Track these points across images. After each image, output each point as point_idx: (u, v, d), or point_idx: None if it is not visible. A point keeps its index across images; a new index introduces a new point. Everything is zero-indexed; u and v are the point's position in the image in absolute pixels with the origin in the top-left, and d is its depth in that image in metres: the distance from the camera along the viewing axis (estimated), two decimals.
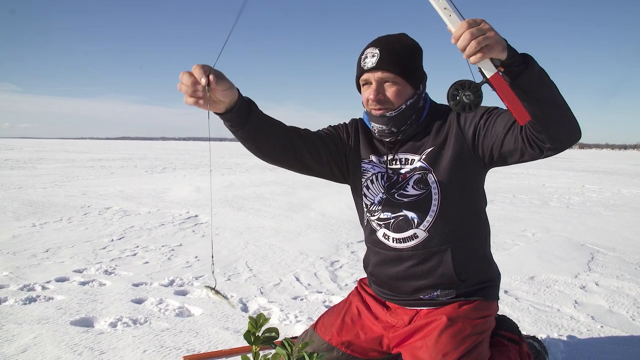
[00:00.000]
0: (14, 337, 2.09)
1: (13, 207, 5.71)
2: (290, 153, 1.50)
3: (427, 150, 1.48)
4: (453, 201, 1.46)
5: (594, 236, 4.61)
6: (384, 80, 1.42)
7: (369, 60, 1.41)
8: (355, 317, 1.63)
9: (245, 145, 1.43)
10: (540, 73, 1.14)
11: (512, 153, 1.34)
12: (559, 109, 1.18)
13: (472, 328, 1.44)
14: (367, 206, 1.58)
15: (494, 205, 6.58)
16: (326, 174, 1.62)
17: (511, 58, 1.09)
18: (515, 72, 1.10)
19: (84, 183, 8.90)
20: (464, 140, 1.44)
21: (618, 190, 9.18)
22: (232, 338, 2.14)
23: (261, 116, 1.39)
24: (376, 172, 1.55)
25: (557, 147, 1.23)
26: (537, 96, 1.14)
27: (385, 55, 1.40)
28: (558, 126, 1.19)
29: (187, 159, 19.42)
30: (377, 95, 1.42)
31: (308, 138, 1.54)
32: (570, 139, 1.23)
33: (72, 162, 16.10)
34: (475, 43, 1.01)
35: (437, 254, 1.48)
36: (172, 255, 3.62)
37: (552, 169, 16.29)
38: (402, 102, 1.43)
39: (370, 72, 1.42)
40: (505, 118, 1.35)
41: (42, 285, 2.82)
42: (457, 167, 1.44)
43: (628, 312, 2.54)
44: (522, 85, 1.12)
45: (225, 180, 9.80)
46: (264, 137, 1.41)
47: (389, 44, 1.42)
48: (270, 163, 1.52)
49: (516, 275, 3.22)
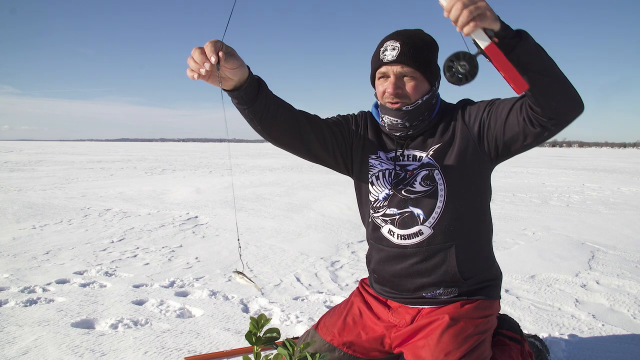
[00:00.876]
0: (15, 339, 2.08)
1: (13, 210, 5.70)
2: (297, 137, 1.49)
3: (434, 147, 1.48)
4: (459, 198, 1.46)
5: (594, 234, 4.61)
6: (403, 74, 1.42)
7: (388, 53, 1.41)
8: (357, 317, 1.63)
9: (252, 124, 1.42)
10: (537, 46, 1.16)
11: (515, 138, 1.34)
12: (558, 81, 1.19)
13: (474, 327, 1.44)
14: (372, 203, 1.57)
15: (494, 204, 6.58)
16: (330, 162, 1.61)
17: (505, 30, 1.11)
18: (510, 44, 1.12)
19: (83, 185, 8.89)
20: (470, 137, 1.45)
21: (618, 189, 9.18)
22: (234, 339, 2.14)
23: (270, 96, 1.38)
24: (383, 168, 1.54)
25: (559, 122, 1.24)
26: (535, 68, 1.15)
27: (406, 49, 1.39)
28: (559, 98, 1.20)
29: (186, 160, 19.42)
30: (396, 89, 1.42)
31: (316, 124, 1.53)
32: (572, 111, 1.24)
33: (72, 164, 16.09)
34: (467, 12, 1.04)
35: (441, 251, 1.48)
36: (173, 257, 3.62)
37: (552, 168, 16.30)
38: (418, 97, 1.44)
39: (389, 65, 1.42)
40: (506, 105, 1.36)
41: (43, 287, 2.82)
42: (463, 164, 1.45)
43: (629, 311, 2.54)
44: (519, 58, 1.13)
45: (225, 181, 9.80)
46: (271, 118, 1.40)
47: (409, 38, 1.42)
48: (275, 145, 1.51)
49: (517, 274, 3.22)
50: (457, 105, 1.53)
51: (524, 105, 1.28)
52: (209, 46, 1.16)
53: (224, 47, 1.18)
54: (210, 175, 11.50)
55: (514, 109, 1.32)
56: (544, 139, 1.31)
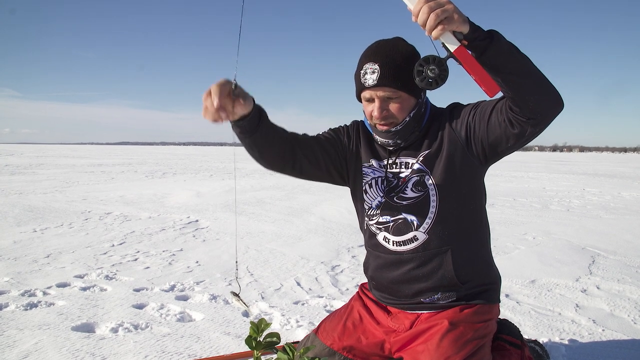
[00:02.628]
0: (15, 343, 2.09)
1: (14, 213, 5.71)
2: (289, 162, 1.51)
3: (424, 152, 1.49)
4: (451, 202, 1.47)
5: (594, 239, 4.61)
6: (387, 97, 1.41)
7: (369, 77, 1.39)
8: (357, 322, 1.63)
9: (249, 151, 1.45)
10: (509, 46, 1.15)
11: (499, 139, 1.34)
12: (534, 80, 1.18)
13: (473, 332, 1.44)
14: (366, 210, 1.58)
15: (494, 209, 6.58)
16: (325, 178, 1.63)
17: (474, 32, 1.11)
18: (480, 46, 1.11)
19: (84, 188, 8.90)
20: (458, 141, 1.44)
21: (618, 193, 9.17)
22: (234, 343, 2.14)
23: (269, 125, 1.41)
24: (376, 176, 1.55)
25: (539, 121, 1.23)
26: (508, 69, 1.15)
27: (386, 70, 1.37)
28: (536, 97, 1.19)
29: (187, 164, 19.44)
30: (382, 112, 1.42)
31: (307, 146, 1.54)
32: (551, 109, 1.23)
33: (73, 167, 16.12)
34: (434, 15, 1.05)
35: (437, 256, 1.48)
36: (173, 260, 3.62)
37: (552, 172, 16.30)
38: (406, 115, 1.43)
39: (371, 90, 1.41)
40: (489, 106, 1.36)
41: (43, 290, 2.82)
42: (453, 168, 1.45)
43: (629, 316, 2.54)
44: (491, 60, 1.12)
45: (225, 185, 9.81)
46: (268, 146, 1.43)
47: (387, 56, 1.39)
48: (268, 169, 1.54)
49: (517, 279, 3.22)
50: (446, 109, 1.52)
51: (504, 105, 1.27)
52: (217, 95, 1.19)
53: (235, 90, 1.22)
54: (211, 179, 11.51)
55: (495, 110, 1.32)
56: (527, 139, 1.29)
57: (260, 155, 1.45)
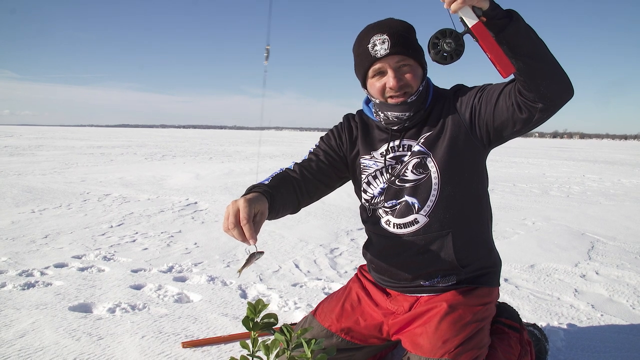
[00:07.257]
0: (12, 322, 2.08)
1: (12, 194, 5.69)
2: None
3: (425, 134, 1.46)
4: (453, 185, 1.44)
5: (594, 225, 4.60)
6: (400, 65, 1.38)
7: (379, 47, 1.36)
8: (355, 304, 1.62)
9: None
10: (527, 28, 1.13)
11: (505, 124, 1.32)
12: (548, 65, 1.16)
13: (472, 315, 1.43)
14: (369, 200, 1.56)
15: (494, 194, 6.57)
16: (333, 188, 1.65)
17: (494, 9, 1.08)
18: (499, 25, 1.09)
19: (83, 170, 8.87)
20: (461, 123, 1.42)
21: (618, 180, 9.16)
22: (231, 324, 2.14)
23: (277, 201, 1.40)
24: (379, 167, 1.52)
25: (548, 107, 1.21)
26: (524, 51, 1.13)
27: (396, 39, 1.35)
28: (548, 82, 1.17)
29: (186, 147, 19.37)
30: (399, 81, 1.38)
31: (307, 186, 1.55)
32: (562, 96, 1.21)
33: (72, 149, 16.05)
34: None
35: (437, 239, 1.46)
36: (171, 242, 3.61)
37: (553, 159, 16.26)
38: (419, 83, 1.41)
39: (384, 60, 1.37)
40: (496, 90, 1.34)
41: (41, 270, 2.81)
42: (455, 150, 1.42)
43: (628, 301, 2.53)
44: (508, 39, 1.10)
45: (225, 168, 9.78)
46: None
47: (392, 27, 1.38)
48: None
49: (516, 263, 3.21)
50: (450, 91, 1.50)
51: (513, 89, 1.26)
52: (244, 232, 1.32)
53: (254, 216, 1.30)
54: (210, 162, 11.47)
55: (503, 94, 1.30)
56: (534, 124, 1.28)
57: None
